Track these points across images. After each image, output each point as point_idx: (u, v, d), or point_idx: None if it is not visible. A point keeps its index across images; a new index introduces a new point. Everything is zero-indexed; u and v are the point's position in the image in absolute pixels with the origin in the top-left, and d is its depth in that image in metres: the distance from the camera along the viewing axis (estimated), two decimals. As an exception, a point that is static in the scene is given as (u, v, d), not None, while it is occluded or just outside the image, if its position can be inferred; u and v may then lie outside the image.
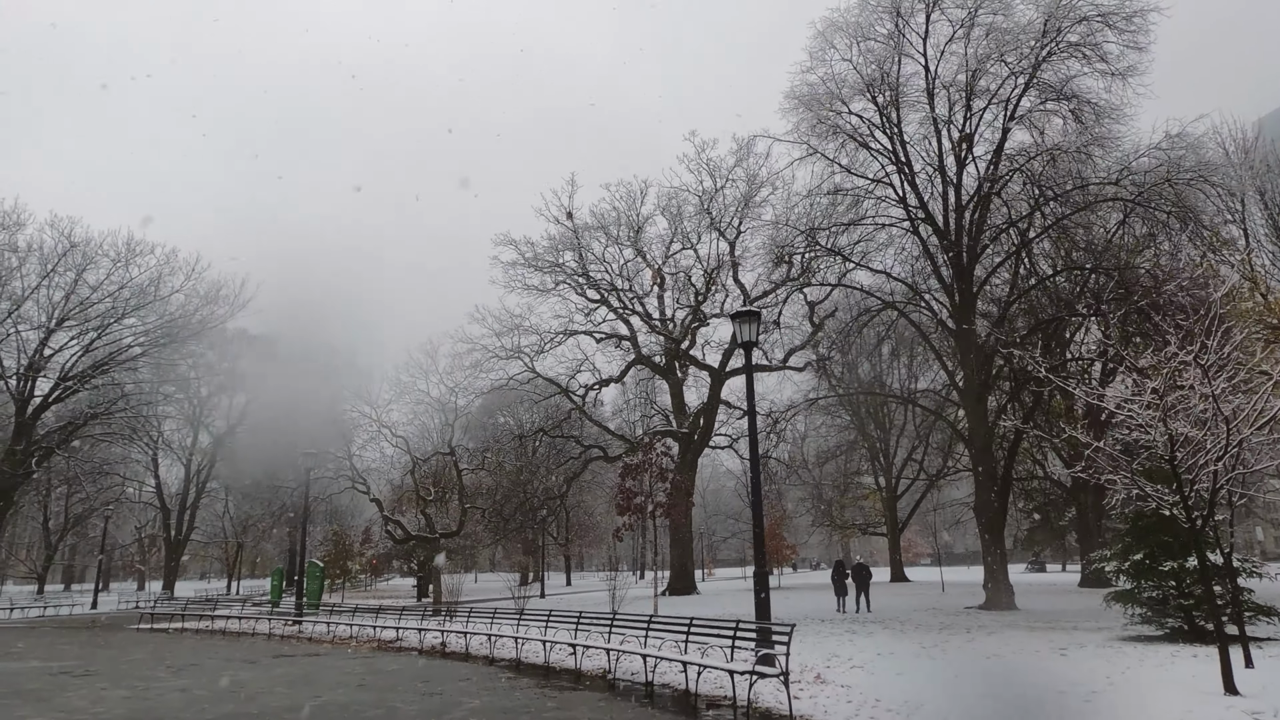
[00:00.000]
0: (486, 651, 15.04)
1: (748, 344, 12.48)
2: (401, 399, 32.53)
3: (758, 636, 10.55)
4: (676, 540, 42.10)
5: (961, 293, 27.65)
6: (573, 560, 78.64)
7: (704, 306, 42.30)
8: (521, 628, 14.99)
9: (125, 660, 15.32)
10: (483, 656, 14.78)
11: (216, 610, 26.18)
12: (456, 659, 14.90)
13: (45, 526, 64.18)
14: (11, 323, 43.88)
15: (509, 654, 14.58)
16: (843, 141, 29.59)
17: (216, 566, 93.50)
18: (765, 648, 10.82)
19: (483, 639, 15.52)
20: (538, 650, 14.25)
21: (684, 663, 9.73)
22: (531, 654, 14.22)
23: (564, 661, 13.25)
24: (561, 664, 13.10)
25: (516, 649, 14.22)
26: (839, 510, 57.29)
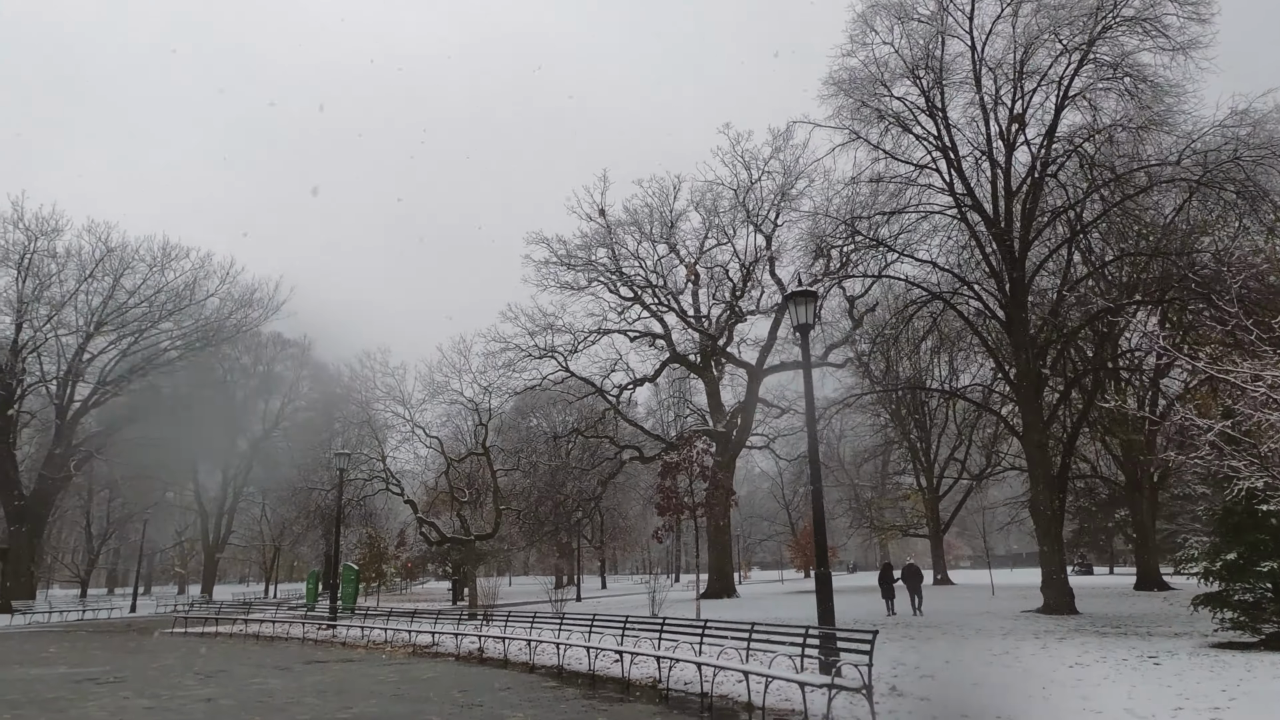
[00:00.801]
0: (526, 658, 14.28)
1: (804, 327, 11.58)
2: (435, 399, 32.11)
3: (822, 644, 9.68)
4: (715, 542, 41.16)
5: (1013, 282, 26.43)
6: (606, 563, 77.81)
7: (740, 303, 41.37)
8: (564, 633, 14.20)
9: (154, 666, 14.81)
10: (522, 663, 14.03)
11: (251, 614, 25.80)
12: (495, 666, 14.17)
13: (88, 531, 65.06)
14: (51, 328, 44.31)
15: (550, 660, 13.81)
16: (885, 127, 28.52)
17: (255, 570, 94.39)
18: (831, 655, 9.95)
19: (522, 645, 14.77)
20: (580, 657, 13.46)
21: (745, 672, 8.84)
22: (574, 660, 13.45)
23: (609, 669, 12.44)
24: (606, 672, 12.29)
25: (559, 655, 13.44)
26: (877, 511, 55.94)
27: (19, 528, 42.48)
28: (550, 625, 14.83)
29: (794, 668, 8.84)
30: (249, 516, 66.37)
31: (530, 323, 39.41)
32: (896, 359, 44.29)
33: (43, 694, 11.35)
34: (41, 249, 42.84)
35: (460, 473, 34.18)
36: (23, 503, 42.72)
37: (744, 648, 9.70)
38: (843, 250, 33.34)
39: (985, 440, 46.47)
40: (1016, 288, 26.22)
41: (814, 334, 43.95)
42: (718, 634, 10.56)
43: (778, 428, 48.19)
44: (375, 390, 30.75)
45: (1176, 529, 50.73)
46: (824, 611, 10.51)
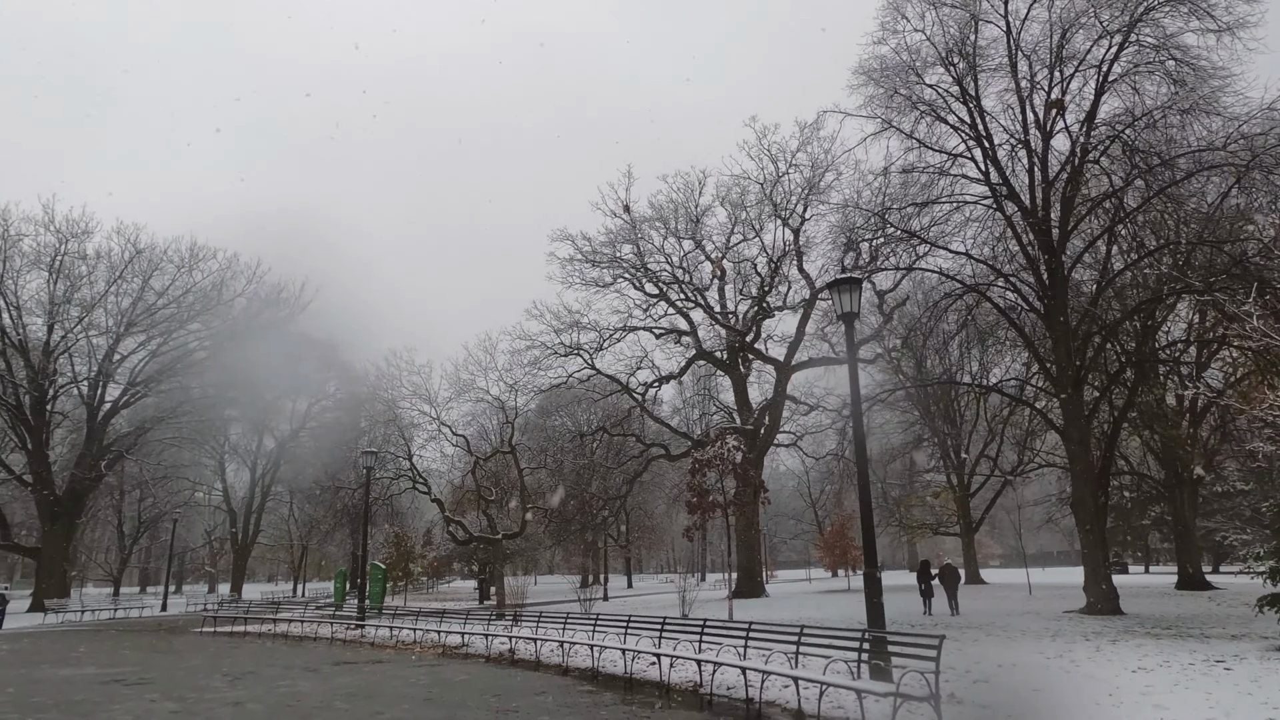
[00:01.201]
0: (559, 660, 13.89)
1: (848, 315, 11.05)
2: (461, 397, 31.86)
3: (874, 648, 9.19)
4: (744, 540, 40.64)
5: (1052, 273, 25.66)
6: (631, 562, 77.42)
7: (768, 298, 40.80)
8: (598, 634, 13.78)
9: (182, 667, 14.61)
10: (555, 665, 13.64)
11: (279, 613, 25.68)
12: (526, 668, 13.79)
13: (119, 530, 65.80)
14: (81, 329, 44.75)
15: (583, 662, 13.41)
16: (918, 116, 27.85)
17: (283, 569, 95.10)
18: (882, 660, 9.45)
19: (554, 646, 14.38)
20: (615, 659, 13.05)
21: (795, 678, 8.36)
22: (608, 663, 13.03)
23: (646, 672, 12.01)
24: (643, 675, 11.86)
25: (593, 658, 13.02)
26: (905, 510, 55.07)
27: (52, 527, 42.90)
28: (583, 626, 14.42)
29: (849, 673, 8.33)
30: (277, 516, 66.82)
31: (556, 320, 39.16)
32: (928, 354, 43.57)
33: (70, 696, 11.13)
34: (72, 251, 43.29)
35: (487, 471, 33.92)
36: (56, 502, 43.13)
37: (792, 651, 9.19)
38: (872, 244, 32.76)
39: (1018, 437, 45.56)
40: (1055, 279, 25.48)
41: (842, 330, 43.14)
42: (763, 637, 10.07)
43: (805, 425, 47.50)
44: (402, 389, 30.63)
45: (1215, 527, 49.46)
46: (874, 613, 9.99)
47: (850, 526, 56.84)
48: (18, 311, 42.89)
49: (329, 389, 61.14)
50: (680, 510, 78.09)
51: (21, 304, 43.04)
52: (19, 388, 42.38)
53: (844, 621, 19.61)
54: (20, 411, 42.43)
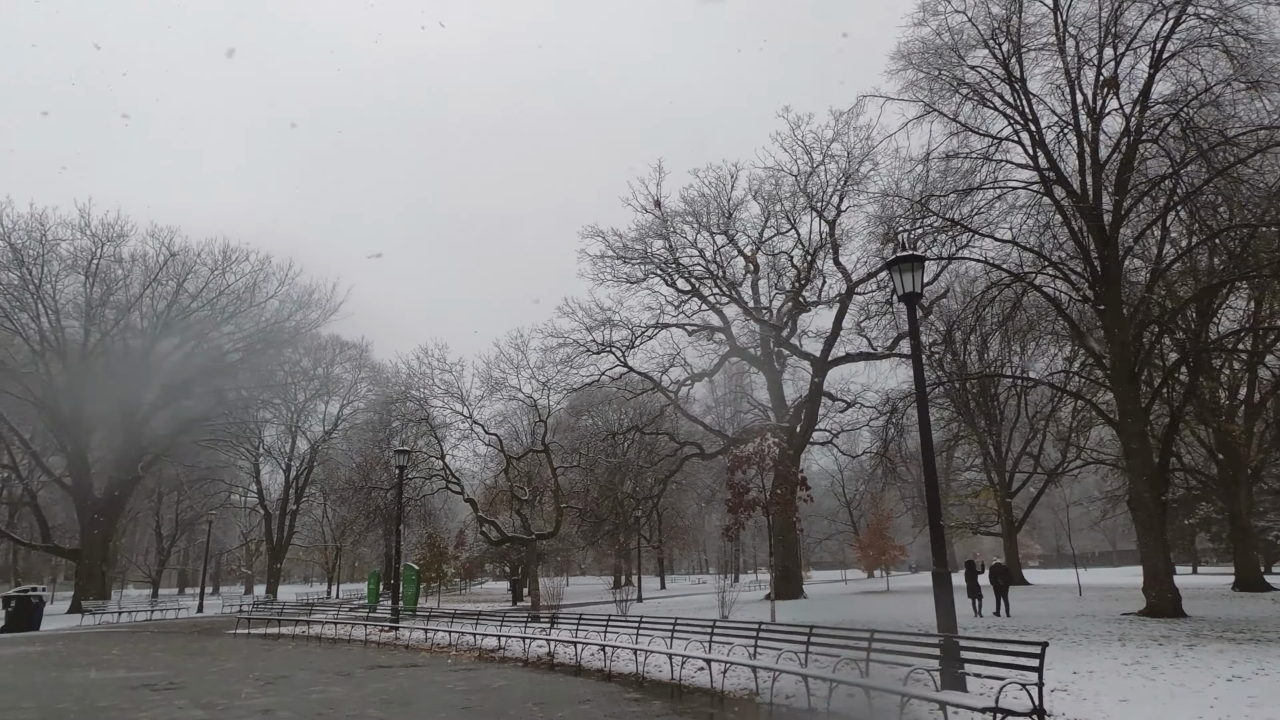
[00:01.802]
0: (600, 664, 13.26)
1: (911, 296, 10.27)
2: (493, 396, 31.42)
3: (946, 655, 8.44)
4: (781, 540, 39.79)
5: (1104, 260, 24.53)
6: (663, 563, 76.67)
7: (804, 293, 39.92)
8: (642, 637, 13.13)
9: (214, 670, 14.20)
10: (596, 670, 13.01)
11: (313, 615, 25.37)
12: (566, 673, 13.18)
13: (158, 532, 66.59)
14: (118, 332, 45.11)
15: (626, 667, 12.77)
16: (960, 100, 26.88)
17: (318, 570, 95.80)
18: (955, 667, 8.70)
19: (595, 650, 13.76)
20: (661, 664, 12.38)
21: (865, 688, 7.63)
22: (653, 668, 12.37)
23: (694, 678, 11.32)
24: (691, 681, 11.17)
25: (637, 663, 12.38)
26: (943, 509, 53.74)
27: (91, 529, 43.25)
28: (626, 629, 13.78)
29: (931, 684, 7.59)
30: (310, 518, 67.15)
31: (588, 317, 38.62)
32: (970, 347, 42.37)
33: (96, 702, 10.72)
34: (108, 254, 43.66)
35: (519, 471, 33.47)
36: (94, 505, 43.49)
37: (858, 658, 8.45)
38: (910, 235, 31.76)
39: (1060, 433, 44.25)
40: (1108, 265, 24.34)
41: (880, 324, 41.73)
42: (825, 641, 9.33)
43: (841, 422, 46.45)
44: (434, 387, 30.23)
45: (1268, 525, 47.56)
46: (945, 616, 9.22)
47: (888, 525, 55.70)
48: (56, 316, 43.34)
49: (360, 390, 61.37)
50: (712, 511, 77.45)
51: (59, 308, 43.49)
52: (58, 390, 42.77)
53: (896, 624, 18.76)
54: (59, 414, 42.84)
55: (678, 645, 12.12)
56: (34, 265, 41.54)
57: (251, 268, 46.90)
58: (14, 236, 41.07)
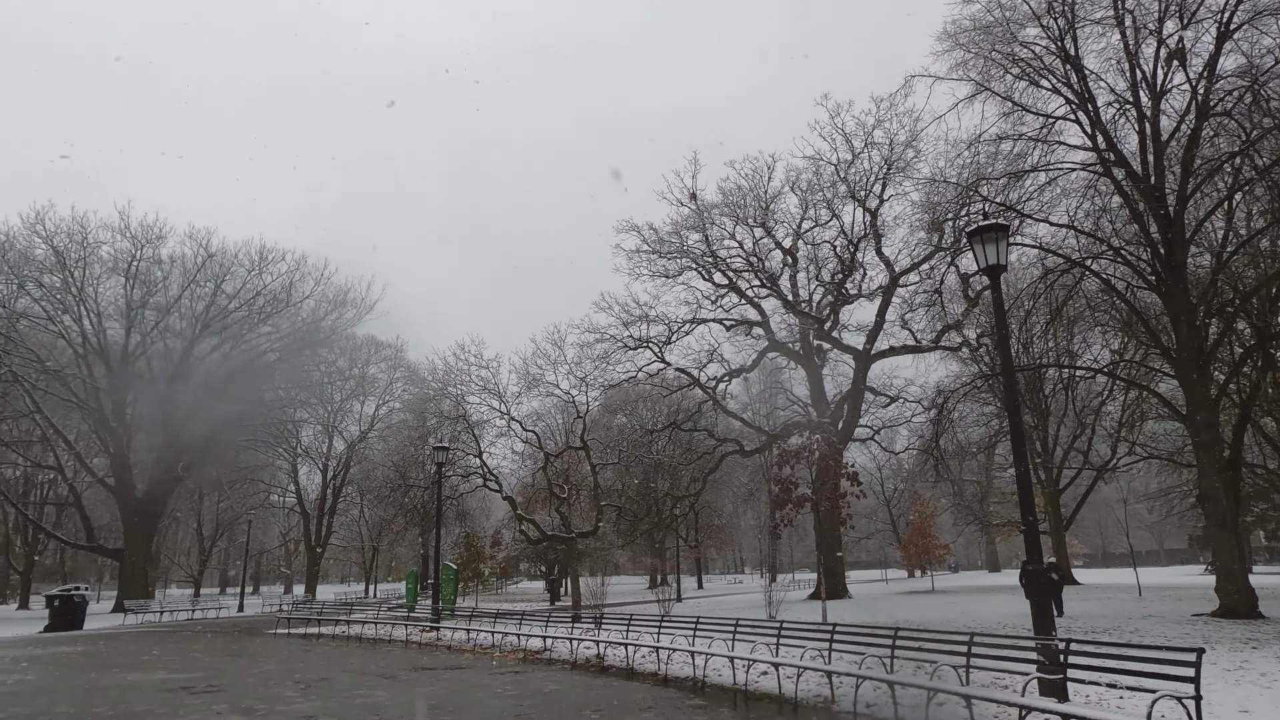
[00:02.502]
0: (654, 668, 12.56)
1: (994, 269, 9.40)
2: (530, 392, 30.87)
3: (1048, 659, 7.60)
4: (826, 538, 38.85)
5: (1168, 243, 23.30)
6: (700, 562, 75.75)
7: (845, 284, 38.89)
8: (700, 639, 12.39)
9: (253, 672, 13.73)
10: (650, 674, 12.30)
11: (353, 615, 24.99)
12: (618, 676, 12.48)
13: (199, 533, 67.27)
14: (158, 333, 45.44)
15: (682, 671, 12.05)
16: (1012, 81, 25.82)
17: (355, 570, 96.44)
18: (1056, 673, 7.86)
19: (646, 652, 13.06)
20: (719, 667, 11.64)
21: (968, 697, 6.80)
22: (712, 672, 11.61)
23: (758, 683, 10.57)
24: (757, 687, 10.41)
25: (695, 666, 11.65)
26: (988, 507, 52.33)
27: (134, 529, 43.57)
28: (681, 630, 13.04)
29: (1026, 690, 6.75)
30: (348, 518, 67.39)
31: (624, 313, 37.95)
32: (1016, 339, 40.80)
33: (133, 705, 10.26)
34: (147, 256, 43.97)
35: (557, 469, 32.89)
36: (137, 505, 43.81)
37: (964, 664, 7.61)
38: (955, 223, 30.71)
39: (1110, 428, 42.78)
40: (1173, 249, 23.10)
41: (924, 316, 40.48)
42: (911, 645, 8.52)
43: (883, 418, 45.29)
44: (470, 384, 29.75)
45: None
46: (1042, 618, 8.38)
47: (932, 524, 54.36)
48: (98, 318, 43.74)
49: (396, 390, 61.41)
50: (748, 509, 76.34)
51: (101, 310, 43.89)
52: (100, 391, 43.16)
53: (947, 623, 17.81)
54: (101, 415, 43.22)
55: (739, 648, 11.37)
56: (76, 268, 41.94)
57: (287, 268, 47.03)
58: (56, 240, 41.50)
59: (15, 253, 41.33)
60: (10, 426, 48.06)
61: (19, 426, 48.03)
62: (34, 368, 40.73)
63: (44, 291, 41.91)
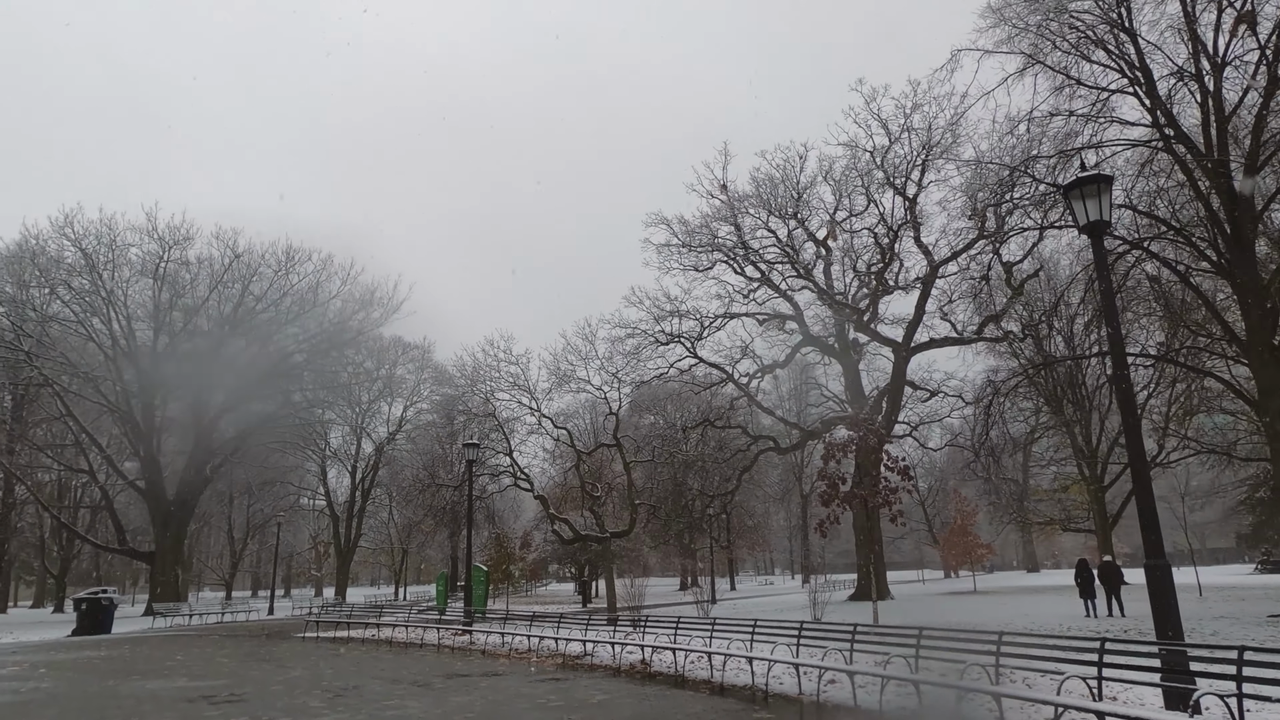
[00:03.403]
0: (705, 674, 11.58)
1: (1096, 226, 8.30)
2: (561, 388, 30.02)
3: (1171, 664, 6.54)
4: (866, 538, 37.63)
5: (1235, 221, 21.91)
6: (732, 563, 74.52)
7: (885, 274, 37.64)
8: (758, 645, 11.39)
9: (279, 680, 12.90)
10: (701, 681, 11.32)
11: (382, 618, 24.24)
12: (667, 684, 11.50)
13: (230, 535, 67.35)
14: (186, 335, 45.23)
15: (738, 678, 11.05)
16: (1061, 57, 24.61)
17: (385, 573, 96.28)
18: (1181, 682, 6.80)
19: (696, 658, 12.07)
20: (779, 674, 10.63)
21: (1104, 715, 5.74)
22: (772, 680, 10.60)
23: (827, 693, 9.55)
24: (827, 698, 9.40)
25: (753, 674, 10.65)
26: (1031, 504, 50.72)
27: (164, 532, 43.35)
28: (738, 634, 12.03)
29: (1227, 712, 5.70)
30: (377, 520, 67.11)
31: (655, 307, 37.02)
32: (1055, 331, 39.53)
33: (148, 717, 9.47)
34: (175, 258, 43.75)
35: (589, 467, 32.02)
36: (167, 508, 43.59)
37: (1096, 677, 6.52)
38: (999, 210, 29.48)
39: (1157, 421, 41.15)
40: (1241, 226, 21.71)
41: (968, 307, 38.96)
42: (1019, 652, 7.46)
43: (922, 413, 43.92)
44: (499, 380, 28.95)
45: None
46: (1165, 616, 7.30)
47: (972, 522, 52.80)
48: (127, 321, 43.58)
49: (423, 392, 61.00)
50: (780, 509, 74.91)
51: (130, 312, 43.72)
52: (130, 394, 43.00)
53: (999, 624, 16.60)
54: (131, 418, 43.06)
55: (805, 654, 10.34)
56: (105, 270, 41.81)
57: (314, 267, 46.61)
58: (84, 243, 41.39)
59: (46, 257, 41.29)
60: (44, 431, 48.23)
61: (52, 430, 48.17)
62: (65, 371, 40.62)
63: (73, 294, 41.83)
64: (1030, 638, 7.73)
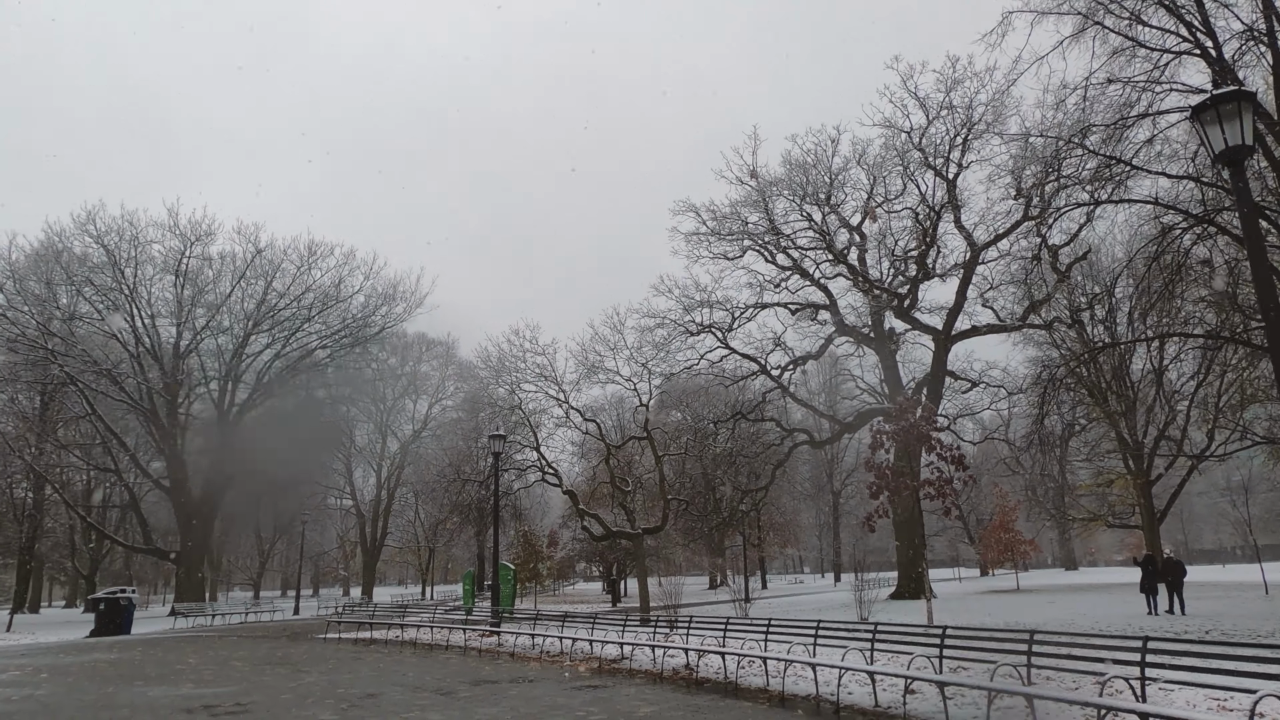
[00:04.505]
0: (761, 681, 10.34)
1: (1237, 152, 6.96)
2: (589, 379, 28.83)
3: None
4: (906, 534, 36.16)
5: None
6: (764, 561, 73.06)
7: (925, 259, 36.09)
8: (821, 650, 10.12)
9: (291, 687, 11.81)
10: (756, 689, 10.09)
11: (406, 618, 23.21)
12: (716, 692, 10.28)
13: (257, 534, 67.08)
14: (209, 332, 44.71)
15: (799, 687, 9.82)
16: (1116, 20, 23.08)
17: (412, 572, 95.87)
18: None
19: (750, 663, 10.83)
20: (848, 682, 9.38)
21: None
22: (843, 692, 9.34)
23: (914, 707, 8.28)
24: (914, 711, 8.13)
25: (817, 682, 9.39)
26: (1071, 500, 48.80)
27: (189, 531, 42.82)
28: (798, 637, 10.76)
29: None
30: (404, 519, 66.51)
31: (684, 297, 35.77)
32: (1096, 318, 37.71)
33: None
34: (196, 254, 43.22)
35: (619, 461, 30.83)
36: (192, 506, 43.06)
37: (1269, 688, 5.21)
38: (1043, 191, 27.97)
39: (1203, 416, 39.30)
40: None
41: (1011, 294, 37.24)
42: (1169, 663, 6.15)
43: (961, 404, 42.26)
44: (525, 371, 27.85)
45: None
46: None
47: (1014, 518, 51.00)
48: (151, 318, 43.15)
49: (448, 389, 60.26)
50: (810, 506, 73.28)
51: (153, 309, 43.28)
52: (154, 392, 42.52)
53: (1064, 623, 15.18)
54: (155, 415, 42.58)
55: (883, 662, 9.06)
56: (127, 267, 41.37)
57: (336, 262, 45.93)
58: (106, 239, 40.96)
59: (69, 254, 40.90)
60: (72, 430, 47.96)
61: (80, 430, 47.87)
62: (89, 369, 40.20)
63: (96, 291, 41.42)
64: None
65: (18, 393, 43.68)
